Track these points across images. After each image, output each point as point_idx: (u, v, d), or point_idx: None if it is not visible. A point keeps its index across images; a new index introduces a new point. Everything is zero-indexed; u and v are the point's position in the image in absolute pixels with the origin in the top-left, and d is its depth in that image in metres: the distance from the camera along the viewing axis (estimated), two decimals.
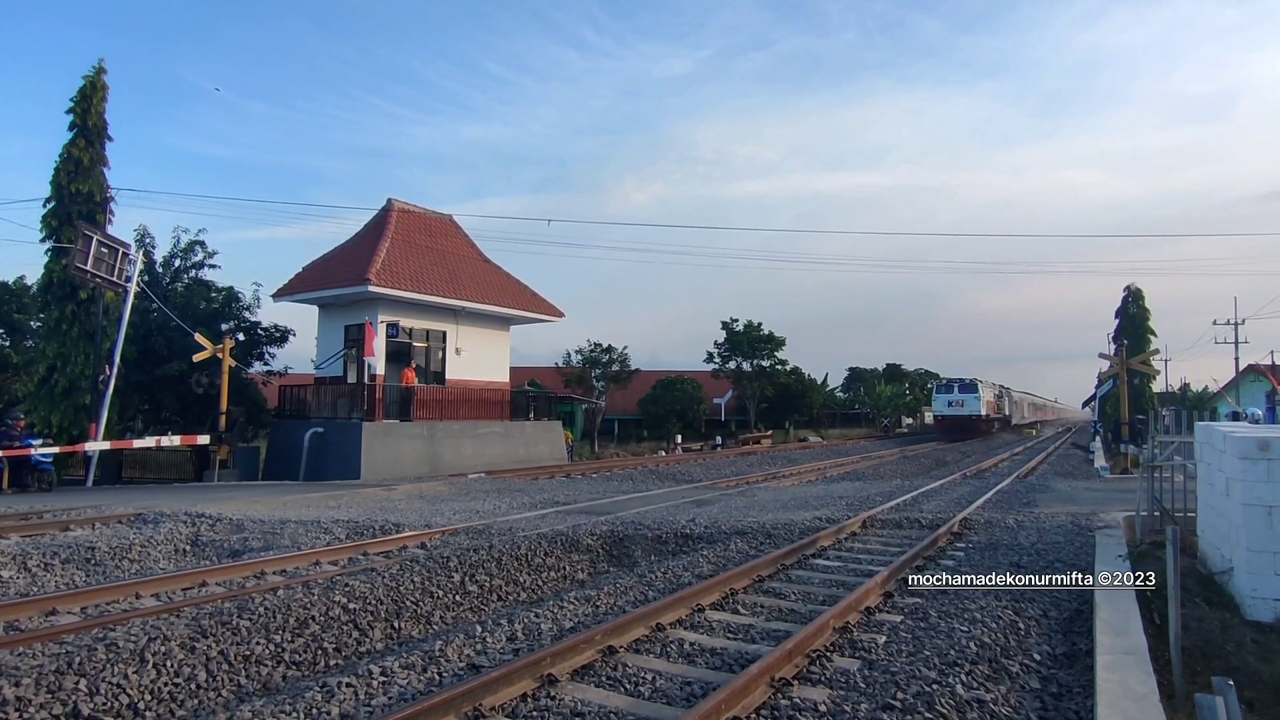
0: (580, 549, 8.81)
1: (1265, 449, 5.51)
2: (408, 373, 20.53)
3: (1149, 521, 8.31)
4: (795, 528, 9.47)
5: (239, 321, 22.33)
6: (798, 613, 5.97)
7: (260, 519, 10.52)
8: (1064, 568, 6.87)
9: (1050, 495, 13.35)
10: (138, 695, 4.47)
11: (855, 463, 25.60)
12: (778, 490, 15.97)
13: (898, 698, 4.01)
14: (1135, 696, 3.72)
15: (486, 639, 5.28)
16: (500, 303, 23.24)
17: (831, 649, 4.98)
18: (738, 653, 4.98)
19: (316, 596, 6.15)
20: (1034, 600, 6.01)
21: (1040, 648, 4.96)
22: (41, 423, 16.86)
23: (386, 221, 22.36)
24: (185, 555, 9.19)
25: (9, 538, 9.00)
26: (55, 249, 17.58)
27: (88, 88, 18.06)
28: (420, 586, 6.78)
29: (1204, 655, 4.72)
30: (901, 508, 11.49)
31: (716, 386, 46.40)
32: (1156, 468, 8.82)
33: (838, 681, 4.41)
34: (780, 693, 4.25)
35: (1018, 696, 4.17)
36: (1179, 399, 50.91)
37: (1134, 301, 35.00)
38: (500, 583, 7.44)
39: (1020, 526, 9.49)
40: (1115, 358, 23.00)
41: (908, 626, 5.42)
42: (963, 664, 4.53)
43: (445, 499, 13.99)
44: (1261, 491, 5.51)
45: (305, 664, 5.27)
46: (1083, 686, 4.26)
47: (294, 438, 19.37)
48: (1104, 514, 10.07)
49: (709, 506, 12.60)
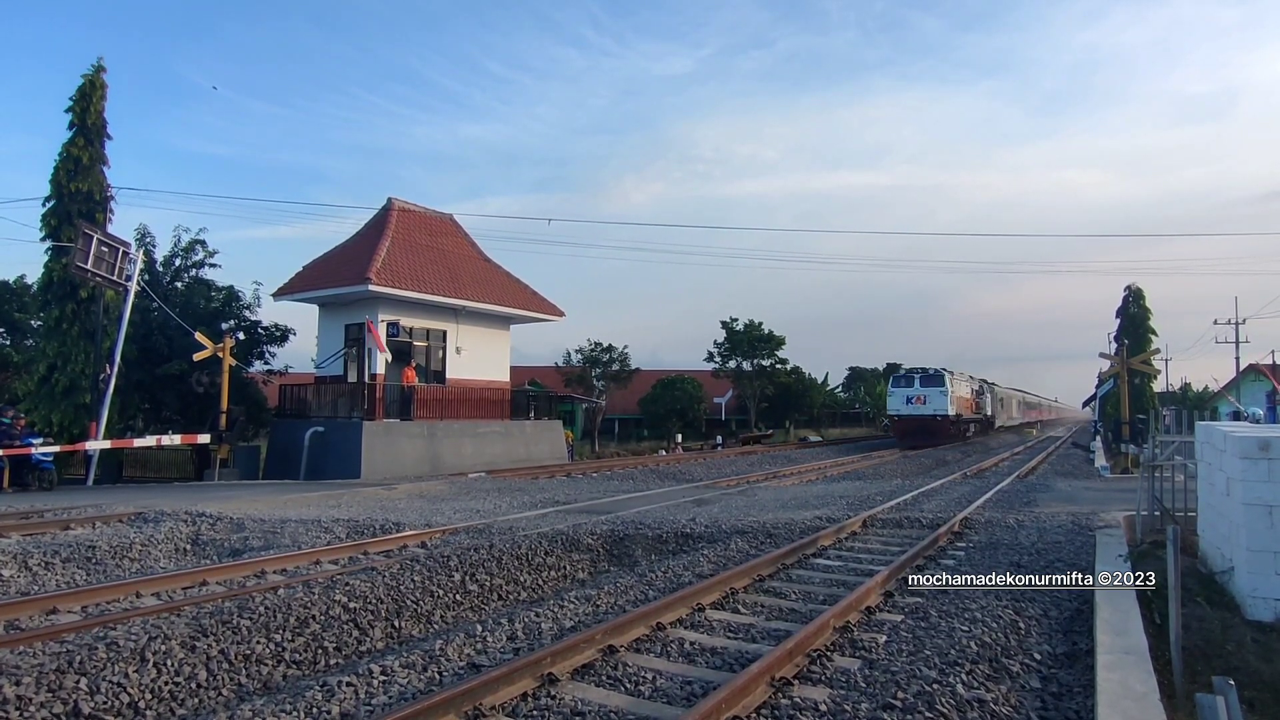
0: (581, 548, 8.81)
1: (1266, 449, 5.51)
2: (408, 372, 20.53)
3: (1149, 521, 8.31)
4: (796, 527, 9.47)
5: (239, 321, 22.35)
6: (798, 612, 5.97)
7: (260, 518, 10.52)
8: (1064, 567, 6.87)
9: (1051, 495, 13.34)
10: (138, 694, 4.47)
11: (855, 462, 25.59)
12: (778, 489, 15.97)
13: (898, 697, 4.01)
14: (1135, 696, 3.71)
15: (487, 638, 5.28)
16: (501, 302, 23.24)
17: (832, 648, 4.97)
18: (738, 652, 4.98)
19: (317, 596, 6.15)
20: (1034, 600, 6.01)
21: (1041, 647, 4.96)
22: (42, 422, 16.87)
23: (387, 220, 22.36)
24: (186, 554, 9.19)
25: (10, 536, 9.00)
26: (55, 248, 17.59)
27: (87, 86, 18.06)
28: (420, 586, 6.78)
29: (1204, 655, 4.72)
30: (902, 507, 11.49)
31: (717, 386, 46.42)
32: (1157, 467, 8.82)
33: (838, 681, 4.41)
34: (781, 692, 4.25)
35: (1018, 696, 4.16)
36: (1180, 399, 50.89)
37: (1134, 301, 35.01)
38: (500, 582, 7.44)
39: (1021, 526, 9.48)
40: (1116, 357, 23.00)
41: (908, 626, 5.42)
42: (963, 663, 4.53)
43: (445, 498, 14.00)
44: (1262, 491, 5.51)
45: (305, 663, 5.27)
46: (1083, 686, 4.26)
47: (294, 437, 19.37)
48: (1104, 514, 10.06)
49: (709, 506, 12.60)
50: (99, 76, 18.26)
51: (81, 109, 17.96)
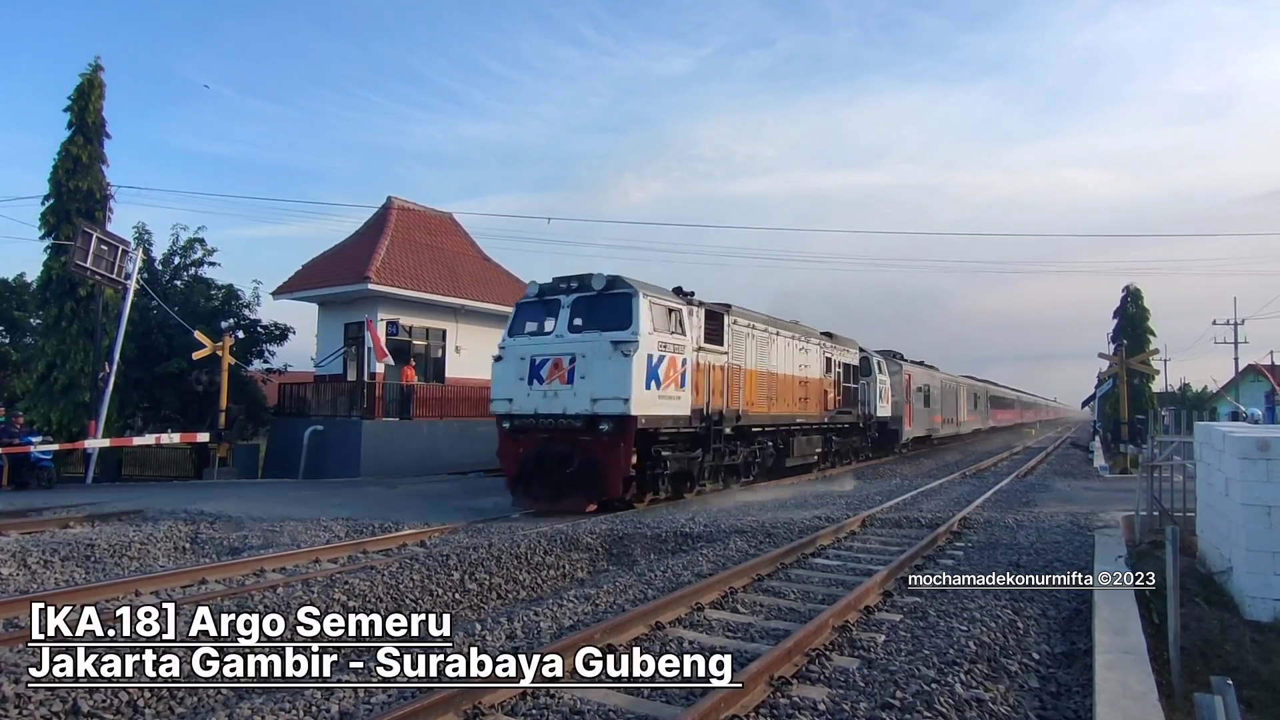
0: (580, 547, 8.81)
1: (1264, 449, 5.51)
2: (407, 371, 20.53)
3: (1148, 521, 8.32)
4: (795, 526, 9.47)
5: (239, 319, 22.30)
6: (797, 611, 5.97)
7: (260, 517, 10.51)
8: (1063, 567, 6.88)
9: (1049, 495, 13.34)
10: (137, 692, 4.47)
11: (853, 463, 25.56)
12: (777, 489, 15.96)
13: (897, 696, 4.01)
14: (1134, 696, 3.72)
15: (486, 637, 5.28)
16: (501, 301, 23.20)
17: (831, 648, 4.98)
18: (737, 651, 4.97)
19: (316, 594, 6.15)
20: (1033, 599, 6.02)
21: (1039, 647, 4.97)
22: (41, 420, 16.84)
23: (386, 219, 22.35)
24: (185, 553, 9.19)
25: (8, 534, 8.99)
26: (54, 246, 17.56)
27: (85, 85, 18.03)
28: (420, 584, 6.78)
29: (1203, 655, 4.72)
30: (901, 507, 11.49)
31: None
32: (1156, 467, 8.83)
33: (837, 680, 4.41)
34: (779, 691, 4.25)
35: (1016, 695, 4.17)
36: (1179, 399, 50.90)
37: (1133, 301, 34.96)
38: (500, 581, 7.44)
39: (1019, 526, 9.49)
40: (1114, 357, 23.02)
41: (907, 625, 5.43)
42: (962, 663, 4.54)
43: (445, 497, 13.99)
44: (1261, 491, 5.52)
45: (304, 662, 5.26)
46: (1081, 686, 4.27)
47: (294, 435, 19.37)
48: (1103, 514, 10.07)
49: (708, 505, 12.60)
50: (97, 75, 18.23)
51: (80, 108, 17.93)
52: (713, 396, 12.54)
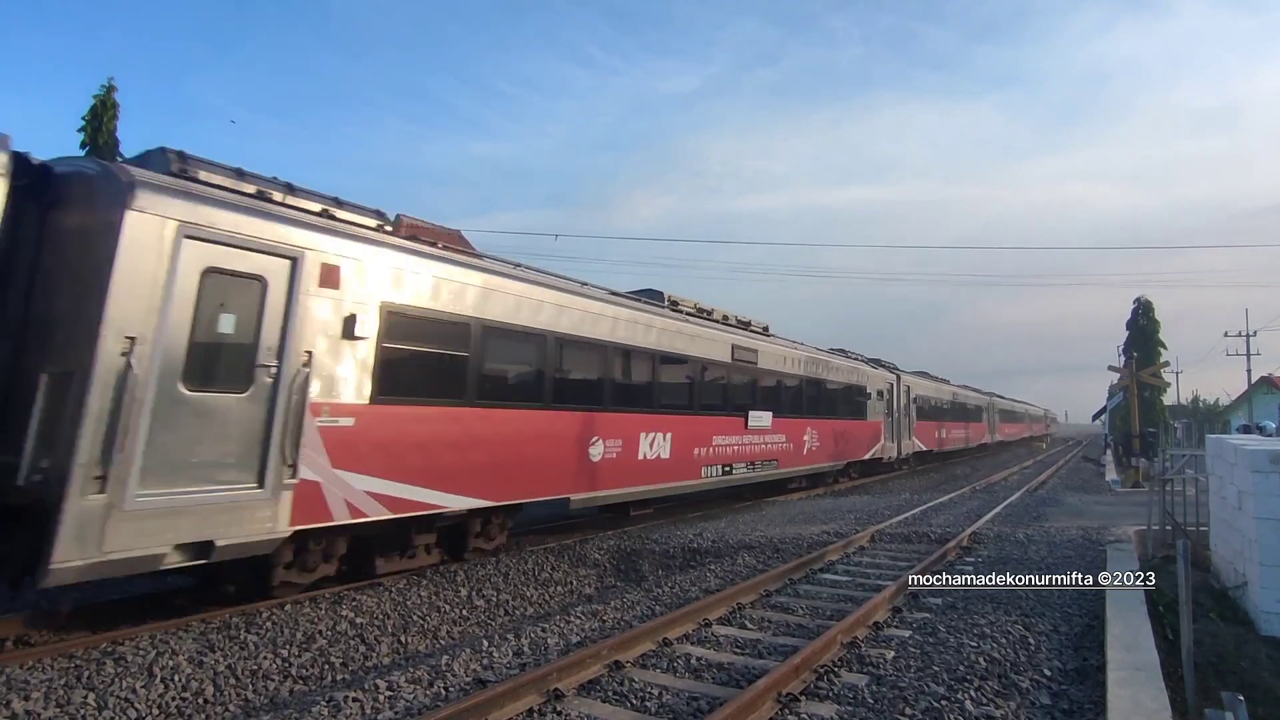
0: (588, 563, 8.79)
1: (1277, 462, 5.47)
2: None
3: (1160, 535, 8.25)
4: (803, 542, 9.43)
5: None
6: (805, 627, 5.93)
7: None
8: None
9: (1060, 509, 13.23)
10: (145, 709, 4.48)
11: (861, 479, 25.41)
12: (785, 504, 15.88)
13: (906, 714, 3.98)
14: (1147, 713, 3.67)
15: (493, 653, 5.28)
16: None
17: (839, 664, 4.94)
18: (745, 668, 4.94)
19: (324, 611, 6.16)
20: (1044, 615, 5.96)
21: (1050, 663, 4.91)
22: None
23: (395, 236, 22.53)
24: None
25: None
26: None
27: (99, 106, 18.32)
28: (427, 601, 6.78)
29: (1217, 671, 4.67)
30: (910, 522, 11.41)
31: None
32: (1168, 481, 8.76)
33: (845, 697, 4.37)
34: (787, 709, 4.22)
35: (1028, 713, 4.12)
36: (1190, 412, 50.44)
37: (1144, 314, 34.77)
38: (507, 597, 7.43)
39: (1030, 541, 9.40)
40: (1125, 370, 22.88)
41: (916, 641, 5.38)
42: (972, 679, 4.50)
43: None
44: (1274, 505, 5.47)
45: (312, 678, 5.26)
46: (1094, 703, 4.22)
47: None
48: (1115, 528, 9.98)
49: (715, 520, 12.54)
50: (110, 96, 18.52)
51: (94, 129, 18.20)
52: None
